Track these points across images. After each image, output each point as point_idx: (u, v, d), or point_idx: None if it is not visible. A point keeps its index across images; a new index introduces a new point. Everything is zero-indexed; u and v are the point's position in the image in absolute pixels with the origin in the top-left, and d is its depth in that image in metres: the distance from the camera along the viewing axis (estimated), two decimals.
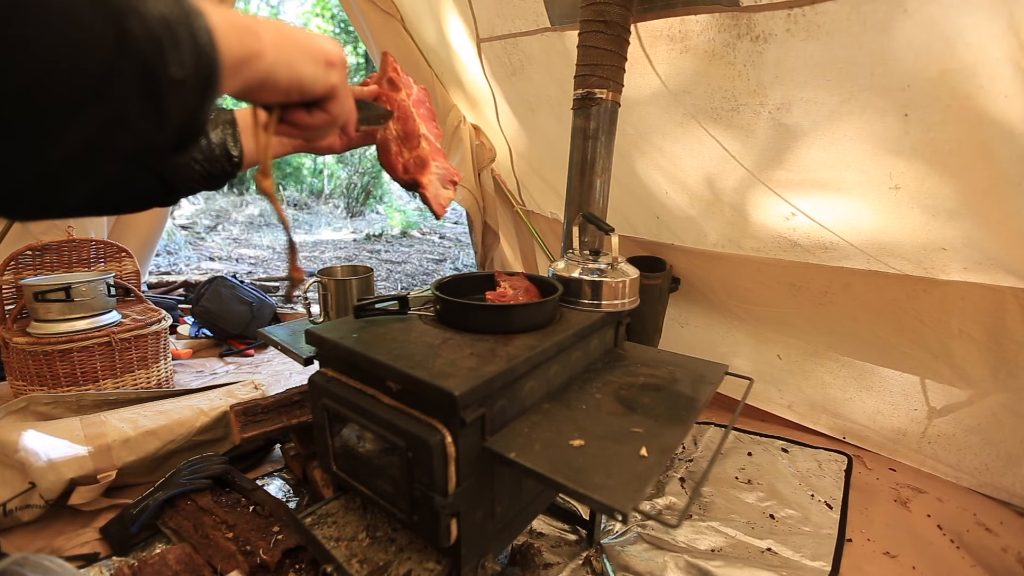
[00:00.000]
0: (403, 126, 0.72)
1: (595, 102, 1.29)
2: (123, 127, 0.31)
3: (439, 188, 0.74)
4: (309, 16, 8.58)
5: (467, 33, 2.00)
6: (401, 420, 0.79)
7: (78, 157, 0.30)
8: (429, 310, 1.05)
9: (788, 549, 1.29)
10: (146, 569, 1.05)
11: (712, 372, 1.09)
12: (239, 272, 4.58)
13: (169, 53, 0.31)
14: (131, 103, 0.31)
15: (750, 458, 1.70)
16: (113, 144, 0.31)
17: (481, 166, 2.50)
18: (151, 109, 0.32)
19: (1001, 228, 1.20)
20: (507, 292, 1.05)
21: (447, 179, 0.76)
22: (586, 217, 1.24)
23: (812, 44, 1.14)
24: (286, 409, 1.42)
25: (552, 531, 1.34)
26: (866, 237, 1.42)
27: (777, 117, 1.32)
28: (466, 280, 1.13)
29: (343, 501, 1.04)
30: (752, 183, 1.51)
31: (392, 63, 0.74)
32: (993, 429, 1.51)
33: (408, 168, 0.71)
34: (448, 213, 8.14)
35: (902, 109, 1.13)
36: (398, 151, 0.72)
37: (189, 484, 1.30)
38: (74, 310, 1.82)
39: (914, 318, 1.49)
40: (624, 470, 0.71)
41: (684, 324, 2.15)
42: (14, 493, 1.25)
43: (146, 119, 0.32)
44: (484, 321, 0.94)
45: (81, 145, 0.30)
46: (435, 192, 0.73)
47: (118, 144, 0.32)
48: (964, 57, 0.99)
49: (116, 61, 0.29)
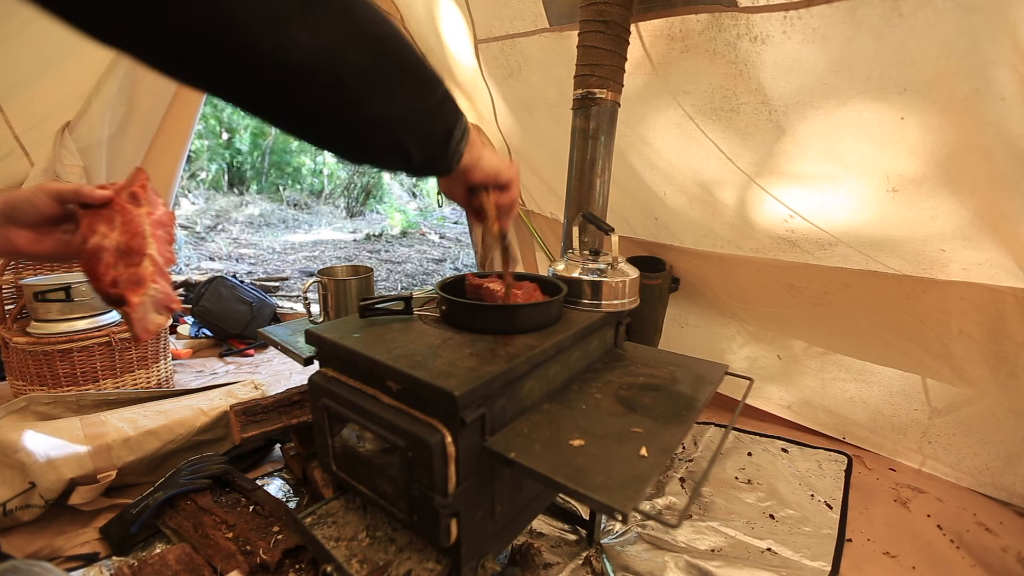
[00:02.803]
0: (128, 240, 0.68)
1: (595, 102, 1.29)
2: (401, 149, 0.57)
3: (149, 311, 0.69)
4: None
5: (465, 34, 1.99)
6: (401, 420, 0.79)
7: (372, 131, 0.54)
8: (429, 310, 1.05)
9: (788, 549, 1.29)
10: (146, 569, 1.05)
11: (712, 372, 1.09)
12: (239, 272, 4.58)
13: (448, 143, 0.60)
14: (414, 149, 0.57)
15: (750, 458, 1.71)
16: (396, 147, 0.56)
17: None
18: (420, 157, 0.58)
19: (1000, 228, 1.20)
20: (499, 288, 1.05)
21: (163, 304, 0.70)
22: (586, 217, 1.24)
23: (808, 47, 1.14)
24: (286, 409, 1.42)
25: (552, 531, 1.34)
26: (865, 238, 1.42)
27: (776, 119, 1.32)
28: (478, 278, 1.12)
29: (343, 501, 1.04)
30: (751, 184, 1.52)
31: (143, 179, 0.73)
32: (993, 429, 1.51)
33: (118, 283, 0.67)
34: (449, 213, 8.12)
35: (899, 112, 1.13)
36: (112, 263, 0.67)
37: (189, 484, 1.30)
38: (74, 310, 1.82)
39: (914, 318, 1.49)
40: (624, 470, 0.72)
41: (684, 324, 2.15)
42: (14, 493, 1.25)
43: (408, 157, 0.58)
44: (489, 321, 0.95)
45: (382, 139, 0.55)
46: (142, 315, 0.68)
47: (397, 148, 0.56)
48: (960, 60, 0.99)
49: (430, 132, 0.58)
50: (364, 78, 0.48)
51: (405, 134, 0.55)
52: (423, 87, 0.54)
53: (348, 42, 0.45)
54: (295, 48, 0.41)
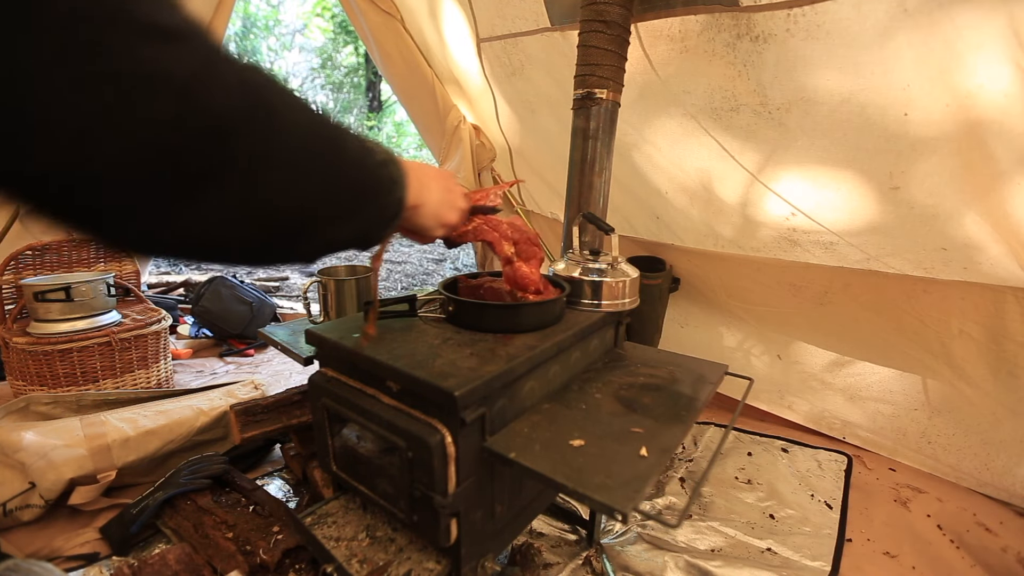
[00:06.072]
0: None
1: (595, 102, 1.29)
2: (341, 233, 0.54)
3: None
4: (309, 16, 8.56)
5: (467, 33, 1.99)
6: (401, 420, 0.79)
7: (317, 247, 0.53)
8: (429, 310, 1.05)
9: (788, 549, 1.29)
10: (146, 569, 1.05)
11: (712, 372, 1.09)
12: (239, 272, 4.58)
13: (382, 203, 0.58)
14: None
15: (750, 458, 1.70)
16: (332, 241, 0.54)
17: (481, 166, 2.50)
18: (354, 227, 0.56)
19: (1001, 228, 1.20)
20: (497, 283, 1.05)
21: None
22: (586, 217, 1.24)
23: (812, 44, 1.14)
24: (286, 409, 1.41)
25: (552, 531, 1.34)
26: (866, 237, 1.42)
27: (777, 117, 1.32)
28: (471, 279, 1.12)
29: (343, 501, 1.04)
30: (752, 183, 1.51)
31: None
32: (993, 429, 1.51)
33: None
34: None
35: (902, 108, 1.12)
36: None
37: (189, 484, 1.30)
38: (74, 310, 1.82)
39: (914, 318, 1.49)
40: (624, 470, 0.71)
41: (684, 324, 2.15)
42: (14, 493, 1.25)
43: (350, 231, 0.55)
44: (490, 321, 0.94)
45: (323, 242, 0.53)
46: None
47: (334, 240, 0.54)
48: (964, 56, 0.99)
49: (361, 204, 0.55)
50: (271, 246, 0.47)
51: (347, 234, 0.55)
52: (354, 202, 0.53)
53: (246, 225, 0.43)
54: (176, 235, 0.39)
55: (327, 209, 0.49)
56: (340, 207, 0.51)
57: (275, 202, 0.43)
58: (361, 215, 0.55)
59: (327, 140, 0.48)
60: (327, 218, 0.50)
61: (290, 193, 0.44)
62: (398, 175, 0.60)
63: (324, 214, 0.49)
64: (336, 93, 8.96)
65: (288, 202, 0.44)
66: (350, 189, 0.52)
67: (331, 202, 0.49)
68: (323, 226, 0.50)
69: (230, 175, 0.38)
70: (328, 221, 0.50)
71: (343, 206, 0.51)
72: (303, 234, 0.48)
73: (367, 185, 0.55)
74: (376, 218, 0.58)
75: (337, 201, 0.50)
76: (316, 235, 0.50)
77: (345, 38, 8.49)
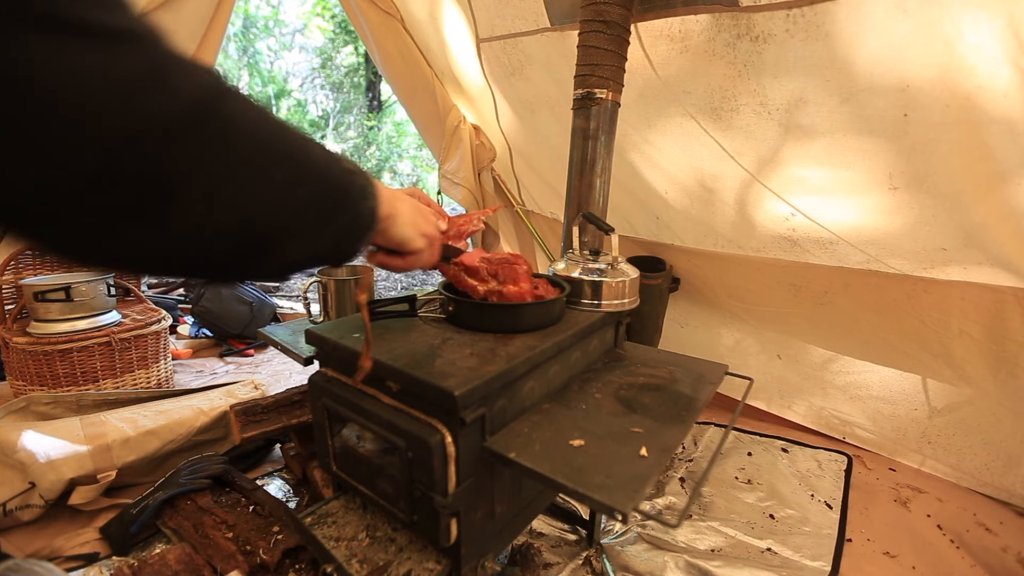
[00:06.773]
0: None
1: (595, 102, 1.29)
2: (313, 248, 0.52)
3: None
4: (309, 16, 8.56)
5: (467, 33, 1.99)
6: (401, 420, 0.79)
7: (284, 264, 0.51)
8: (429, 310, 1.05)
9: (788, 549, 1.29)
10: (146, 569, 1.05)
11: (712, 372, 1.09)
12: None
13: (353, 213, 0.56)
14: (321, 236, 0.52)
15: (750, 458, 1.70)
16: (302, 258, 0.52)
17: (481, 166, 2.50)
18: (331, 241, 0.54)
19: (1001, 228, 1.20)
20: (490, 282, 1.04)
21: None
22: (586, 217, 1.24)
23: (811, 44, 1.14)
24: (286, 409, 1.42)
25: (552, 531, 1.34)
26: (866, 237, 1.42)
27: (777, 117, 1.32)
28: None
29: (343, 501, 1.04)
30: (752, 183, 1.51)
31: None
32: (993, 429, 1.51)
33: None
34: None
35: (901, 109, 1.12)
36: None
37: (189, 484, 1.30)
38: (74, 310, 1.82)
39: (914, 318, 1.49)
40: (624, 470, 0.71)
41: (684, 324, 2.15)
42: (14, 493, 1.25)
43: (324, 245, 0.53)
44: (490, 321, 0.94)
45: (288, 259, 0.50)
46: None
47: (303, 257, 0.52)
48: (963, 56, 0.99)
49: (333, 214, 0.52)
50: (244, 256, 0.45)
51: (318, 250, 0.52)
52: (323, 212, 0.50)
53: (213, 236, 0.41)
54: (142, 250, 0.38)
55: (293, 221, 0.46)
56: (306, 220, 0.48)
57: (234, 214, 0.41)
58: (331, 227, 0.52)
59: (290, 150, 0.46)
60: (294, 231, 0.47)
61: (248, 205, 0.42)
62: (367, 184, 0.57)
63: (290, 226, 0.46)
64: (336, 93, 8.96)
65: (248, 215, 0.42)
66: (318, 200, 0.49)
67: (297, 214, 0.46)
68: (291, 239, 0.47)
69: (181, 188, 0.36)
70: (295, 234, 0.47)
71: (310, 218, 0.48)
72: (268, 248, 0.45)
73: (335, 195, 0.52)
74: (349, 229, 0.56)
75: (302, 213, 0.47)
76: (283, 248, 0.47)
77: (345, 38, 8.49)
